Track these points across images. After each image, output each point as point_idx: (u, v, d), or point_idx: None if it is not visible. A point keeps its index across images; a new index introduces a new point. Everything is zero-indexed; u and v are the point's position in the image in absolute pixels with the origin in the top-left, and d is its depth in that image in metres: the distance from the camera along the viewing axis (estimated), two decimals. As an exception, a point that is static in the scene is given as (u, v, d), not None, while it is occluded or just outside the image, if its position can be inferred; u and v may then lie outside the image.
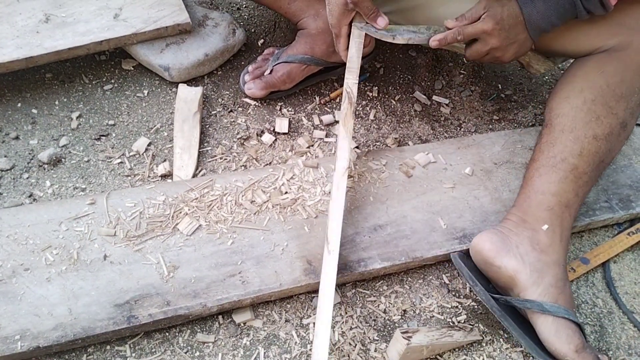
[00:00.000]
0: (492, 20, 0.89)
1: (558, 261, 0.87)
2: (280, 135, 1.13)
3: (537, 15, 0.88)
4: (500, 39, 0.90)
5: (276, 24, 1.37)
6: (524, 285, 0.84)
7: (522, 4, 0.88)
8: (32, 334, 0.76)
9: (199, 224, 0.91)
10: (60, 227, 0.87)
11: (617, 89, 0.91)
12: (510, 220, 0.91)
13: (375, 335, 0.89)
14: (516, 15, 0.89)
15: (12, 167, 0.99)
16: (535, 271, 0.85)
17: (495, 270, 0.87)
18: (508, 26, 0.89)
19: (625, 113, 0.91)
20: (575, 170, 0.90)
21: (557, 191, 0.90)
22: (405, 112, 1.24)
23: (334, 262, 0.84)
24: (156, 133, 1.09)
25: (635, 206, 1.09)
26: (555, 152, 0.92)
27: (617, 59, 0.92)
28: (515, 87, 1.37)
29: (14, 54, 1.03)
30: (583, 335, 0.84)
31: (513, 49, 0.93)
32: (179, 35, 1.17)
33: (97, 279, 0.83)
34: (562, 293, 0.85)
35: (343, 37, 0.98)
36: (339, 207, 0.88)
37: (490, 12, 0.89)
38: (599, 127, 0.91)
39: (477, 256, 0.89)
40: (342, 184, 0.89)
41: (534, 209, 0.90)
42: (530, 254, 0.86)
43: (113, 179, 1.01)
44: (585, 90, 0.92)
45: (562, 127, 0.92)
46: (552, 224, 0.88)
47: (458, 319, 0.93)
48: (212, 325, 0.86)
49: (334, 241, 0.85)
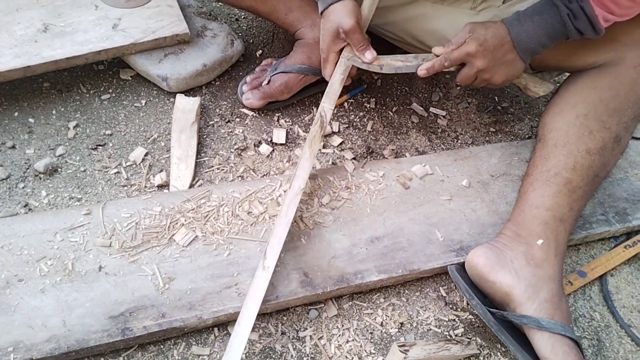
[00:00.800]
0: (475, 42, 0.89)
1: (553, 276, 0.87)
2: (277, 146, 1.13)
3: (525, 36, 0.87)
4: (485, 60, 0.90)
5: (274, 35, 1.38)
6: (519, 301, 0.84)
7: (510, 25, 0.88)
8: (26, 345, 0.75)
9: (195, 235, 0.91)
10: (55, 237, 0.87)
11: (610, 103, 0.91)
12: (505, 235, 0.91)
13: (372, 348, 0.88)
14: (502, 36, 0.88)
15: (8, 177, 0.99)
16: (530, 286, 0.84)
17: (490, 286, 0.87)
18: (493, 47, 0.89)
19: (619, 127, 0.92)
20: (568, 184, 0.90)
21: (551, 205, 0.90)
22: (403, 123, 1.24)
23: (266, 278, 0.82)
24: (153, 143, 1.09)
25: (632, 219, 1.10)
26: (548, 166, 0.92)
27: (610, 74, 0.92)
28: (512, 100, 1.38)
29: (11, 63, 1.02)
30: (580, 352, 0.84)
31: (502, 70, 0.92)
32: (178, 45, 1.17)
33: (92, 290, 0.82)
34: (558, 308, 0.84)
35: (330, 63, 1.00)
36: (284, 225, 0.87)
37: (474, 34, 0.89)
38: (592, 141, 0.91)
39: (472, 271, 0.89)
40: (294, 203, 0.89)
41: (529, 223, 0.90)
42: (525, 268, 0.86)
43: (109, 189, 1.00)
44: (578, 105, 0.93)
45: (555, 142, 0.93)
46: (546, 239, 0.88)
47: (455, 333, 0.92)
48: (207, 338, 0.86)
49: (271, 257, 0.84)
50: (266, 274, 0.83)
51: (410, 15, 1.11)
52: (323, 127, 0.97)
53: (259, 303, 0.80)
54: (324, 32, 0.97)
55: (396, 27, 1.16)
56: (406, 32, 1.14)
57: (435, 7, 1.08)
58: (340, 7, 0.93)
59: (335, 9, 0.94)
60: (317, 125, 0.97)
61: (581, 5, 0.83)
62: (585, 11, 0.83)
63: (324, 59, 1.01)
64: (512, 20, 0.89)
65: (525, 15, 0.88)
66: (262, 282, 0.82)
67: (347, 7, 0.93)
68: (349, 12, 0.93)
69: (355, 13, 0.94)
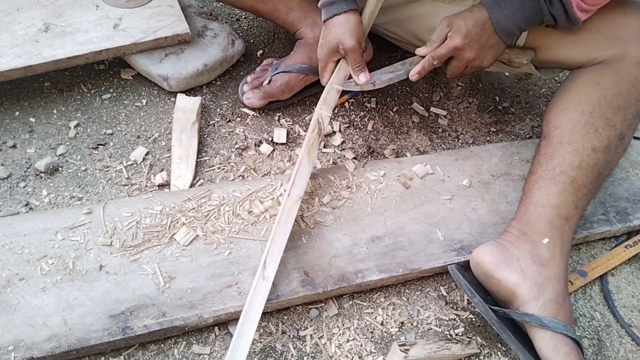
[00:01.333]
0: (459, 35, 0.90)
1: (559, 275, 0.87)
2: (278, 145, 1.13)
3: (505, 20, 0.89)
4: (473, 50, 0.92)
5: (275, 34, 1.38)
6: (524, 299, 0.84)
7: (490, 9, 0.90)
8: (26, 344, 0.75)
9: (196, 234, 0.91)
10: (56, 236, 0.87)
11: (614, 101, 0.91)
12: (510, 233, 0.91)
13: (372, 347, 0.88)
14: (482, 22, 0.90)
15: (9, 176, 0.99)
16: (536, 285, 0.84)
17: (495, 283, 0.87)
18: (477, 36, 0.90)
19: (623, 125, 0.92)
20: (574, 182, 0.90)
21: (556, 204, 0.89)
22: (403, 123, 1.24)
23: (266, 289, 0.81)
24: (154, 142, 1.09)
25: (633, 219, 1.10)
26: (554, 164, 0.92)
27: (613, 71, 0.92)
28: (513, 100, 1.38)
29: (12, 62, 1.03)
30: (581, 352, 0.84)
31: (489, 54, 0.94)
32: (178, 45, 1.17)
33: (93, 289, 0.82)
34: (562, 308, 0.84)
35: (328, 72, 1.02)
36: (284, 233, 0.86)
37: (454, 27, 0.91)
38: (597, 139, 0.91)
39: (477, 268, 0.89)
40: (294, 210, 0.89)
41: (534, 222, 0.90)
42: (531, 267, 0.86)
43: (110, 189, 1.00)
44: (582, 102, 0.93)
45: (560, 139, 0.93)
46: (552, 237, 0.88)
47: (456, 332, 0.92)
48: (208, 337, 0.86)
49: (271, 267, 0.83)
50: (266, 284, 0.82)
51: (411, 14, 1.12)
52: (321, 134, 0.98)
53: (259, 314, 0.79)
54: (324, 42, 0.98)
55: (397, 26, 1.16)
56: (407, 31, 1.15)
57: (436, 5, 1.08)
58: (344, 22, 0.94)
59: (340, 22, 0.94)
60: (314, 132, 0.97)
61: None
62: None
63: (322, 67, 1.03)
64: (492, 5, 0.90)
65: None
66: (263, 293, 0.81)
67: (350, 23, 0.94)
68: (352, 29, 0.94)
69: (358, 31, 0.95)
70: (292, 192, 0.90)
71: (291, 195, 0.90)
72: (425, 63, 0.94)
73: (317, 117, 0.98)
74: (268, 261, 0.84)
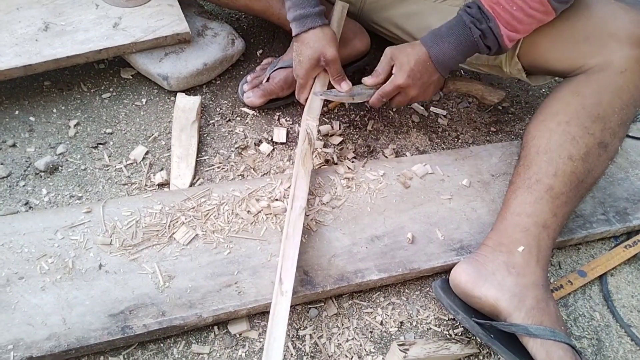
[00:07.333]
0: (403, 75, 0.96)
1: (536, 282, 0.85)
2: (278, 144, 1.13)
3: (443, 57, 0.95)
4: (417, 88, 0.98)
5: (275, 34, 1.38)
6: (507, 312, 0.83)
7: (428, 47, 0.95)
8: (26, 343, 0.75)
9: (196, 233, 0.91)
10: (55, 235, 0.87)
11: (593, 110, 0.91)
12: (486, 246, 0.91)
13: (371, 347, 0.88)
14: (424, 60, 0.96)
15: (9, 175, 0.99)
16: (515, 296, 0.83)
17: (476, 301, 0.86)
18: (420, 74, 0.97)
19: (603, 133, 0.91)
20: (550, 190, 0.90)
21: (532, 212, 0.89)
22: (403, 123, 1.24)
23: (286, 304, 0.81)
24: (154, 142, 1.09)
25: (632, 219, 1.10)
26: (530, 173, 0.92)
27: (594, 81, 0.93)
28: (512, 100, 1.38)
29: (12, 61, 1.03)
30: (576, 352, 0.83)
31: (430, 89, 1.02)
32: (178, 44, 1.17)
33: (92, 288, 0.82)
34: (546, 313, 0.83)
35: (307, 89, 1.06)
36: (294, 246, 0.86)
37: (397, 63, 0.97)
38: (574, 147, 0.91)
39: (457, 289, 0.88)
40: (299, 223, 0.89)
41: (510, 231, 0.90)
42: (507, 279, 0.85)
43: (110, 188, 1.00)
44: (560, 112, 0.94)
45: (537, 149, 0.93)
46: (528, 245, 0.88)
47: (455, 332, 0.92)
48: (207, 336, 0.86)
49: (287, 281, 0.83)
50: (286, 299, 0.81)
51: (405, 12, 1.13)
52: (312, 144, 1.00)
53: (284, 331, 0.78)
54: (303, 59, 1.01)
55: (392, 24, 1.17)
56: (402, 29, 1.15)
57: (430, 4, 1.09)
58: (321, 35, 1.00)
59: (317, 35, 0.99)
60: (305, 142, 0.99)
61: (490, 26, 0.91)
62: (494, 32, 0.91)
63: (301, 85, 1.06)
64: (430, 42, 0.95)
65: (440, 36, 0.94)
66: (284, 308, 0.80)
67: (327, 35, 1.00)
68: (330, 40, 1.00)
69: (335, 42, 1.01)
70: (294, 205, 0.91)
71: (294, 208, 0.91)
72: (376, 100, 1.02)
73: (304, 127, 1.01)
74: (284, 276, 0.83)
